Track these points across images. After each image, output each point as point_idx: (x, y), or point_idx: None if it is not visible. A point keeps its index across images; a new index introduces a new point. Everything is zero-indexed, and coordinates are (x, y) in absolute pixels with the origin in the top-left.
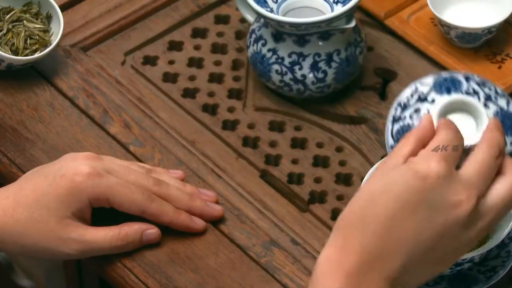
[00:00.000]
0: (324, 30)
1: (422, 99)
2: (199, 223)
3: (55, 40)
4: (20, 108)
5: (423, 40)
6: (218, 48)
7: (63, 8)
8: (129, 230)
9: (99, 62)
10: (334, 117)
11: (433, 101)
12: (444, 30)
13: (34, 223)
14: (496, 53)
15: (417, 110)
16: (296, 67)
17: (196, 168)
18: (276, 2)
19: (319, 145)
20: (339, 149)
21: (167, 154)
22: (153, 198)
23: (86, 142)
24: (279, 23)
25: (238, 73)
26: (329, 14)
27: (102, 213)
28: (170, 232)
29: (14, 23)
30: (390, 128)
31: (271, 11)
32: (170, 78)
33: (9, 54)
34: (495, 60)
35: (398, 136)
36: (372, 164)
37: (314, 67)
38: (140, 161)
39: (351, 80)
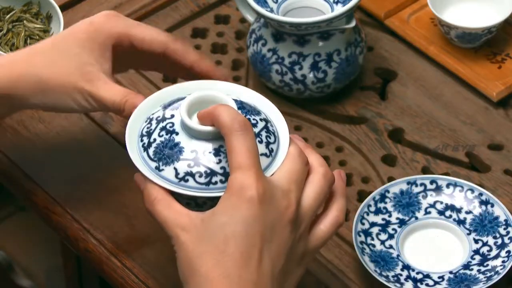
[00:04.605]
0: (324, 30)
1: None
2: (220, 72)
3: None
4: None
5: (423, 40)
6: (218, 48)
7: (63, 8)
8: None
9: None
10: (334, 117)
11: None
12: (444, 30)
13: (52, 68)
14: (496, 53)
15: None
16: (296, 67)
17: None
18: (276, 2)
19: (319, 145)
20: (339, 149)
21: None
22: (178, 39)
23: (86, 142)
24: (279, 23)
25: (238, 73)
26: (329, 14)
27: (105, 213)
28: None
29: (14, 23)
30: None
31: (271, 11)
32: (170, 78)
33: None
34: (495, 60)
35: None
36: (372, 164)
37: (314, 67)
38: None
39: (351, 80)
